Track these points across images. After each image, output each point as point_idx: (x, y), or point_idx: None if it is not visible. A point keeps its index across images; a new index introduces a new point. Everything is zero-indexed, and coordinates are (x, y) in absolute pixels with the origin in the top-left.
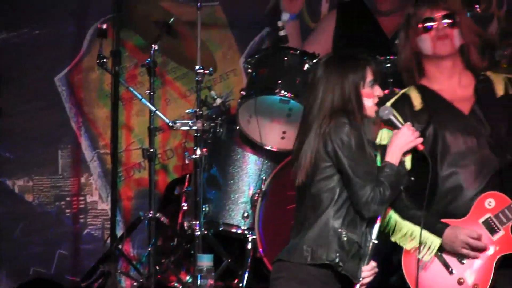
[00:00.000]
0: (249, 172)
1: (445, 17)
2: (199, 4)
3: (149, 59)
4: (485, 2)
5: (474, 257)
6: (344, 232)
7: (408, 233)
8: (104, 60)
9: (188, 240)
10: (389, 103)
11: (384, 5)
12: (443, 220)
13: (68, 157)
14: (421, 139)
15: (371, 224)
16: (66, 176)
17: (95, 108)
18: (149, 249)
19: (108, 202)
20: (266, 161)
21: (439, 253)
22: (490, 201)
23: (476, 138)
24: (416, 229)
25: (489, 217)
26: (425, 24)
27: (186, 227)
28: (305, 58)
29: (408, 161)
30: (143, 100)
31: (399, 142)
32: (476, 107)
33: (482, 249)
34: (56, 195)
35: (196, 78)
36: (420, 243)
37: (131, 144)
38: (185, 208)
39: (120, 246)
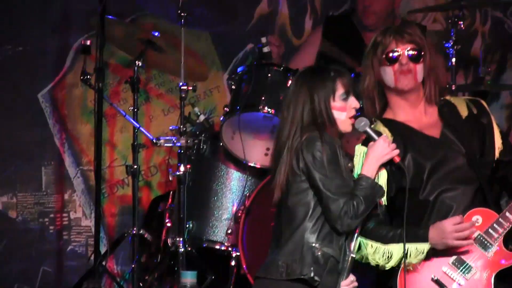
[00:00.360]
0: (233, 189)
1: (410, 51)
2: (182, 20)
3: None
4: (469, 19)
5: (468, 245)
6: (318, 247)
7: (390, 253)
8: (88, 76)
9: (171, 256)
10: (362, 141)
11: (369, 20)
12: None
13: (51, 173)
14: (397, 151)
15: (349, 238)
16: (50, 193)
17: (79, 124)
18: (133, 265)
19: (91, 219)
20: (250, 178)
21: (434, 277)
22: (478, 218)
23: (453, 159)
24: (397, 246)
25: (479, 235)
26: (389, 55)
27: (169, 244)
28: (289, 74)
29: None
30: (126, 116)
31: (376, 155)
32: (446, 129)
33: (470, 232)
34: (39, 211)
35: (180, 95)
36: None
37: (115, 161)
38: (168, 224)
39: (103, 263)
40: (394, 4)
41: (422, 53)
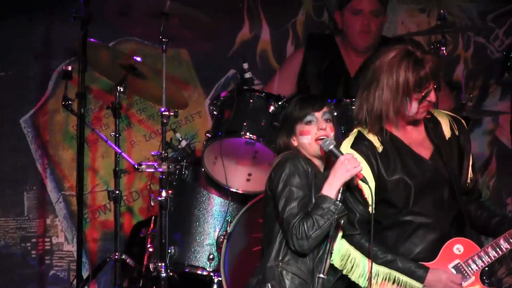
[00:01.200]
0: (215, 214)
1: (436, 87)
2: (164, 46)
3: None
4: (452, 44)
5: None
6: (281, 266)
7: (385, 277)
8: (69, 102)
9: (153, 281)
10: (347, 142)
11: (365, 42)
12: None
13: (33, 198)
14: (360, 168)
15: (321, 259)
16: (32, 218)
17: (60, 150)
18: None
19: (73, 244)
20: (232, 203)
21: None
22: (459, 247)
23: (439, 185)
24: (392, 272)
25: (459, 263)
26: (423, 97)
27: (151, 269)
28: (271, 100)
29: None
30: (108, 142)
31: (337, 173)
32: (435, 152)
33: None
34: (21, 236)
35: (162, 120)
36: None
37: (96, 186)
38: (150, 250)
39: None
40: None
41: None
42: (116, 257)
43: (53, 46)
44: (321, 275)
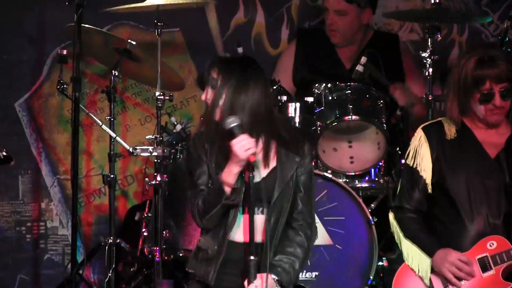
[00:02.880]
0: None
1: (504, 92)
2: (159, 30)
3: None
4: (446, 29)
5: (456, 285)
6: (199, 240)
7: (408, 251)
8: (64, 86)
9: (148, 265)
10: (424, 124)
11: (335, 39)
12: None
13: (28, 182)
14: (250, 151)
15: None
16: (27, 202)
17: (55, 134)
18: (110, 274)
19: (68, 228)
20: None
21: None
22: (492, 243)
23: (494, 183)
24: (412, 248)
25: (486, 256)
26: (484, 98)
27: (146, 253)
28: None
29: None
30: (103, 126)
31: (232, 156)
32: (502, 153)
33: (467, 275)
34: (16, 220)
35: (157, 104)
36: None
37: (91, 170)
38: (145, 234)
39: (80, 272)
40: (362, 20)
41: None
42: (111, 241)
43: (47, 30)
44: (252, 258)
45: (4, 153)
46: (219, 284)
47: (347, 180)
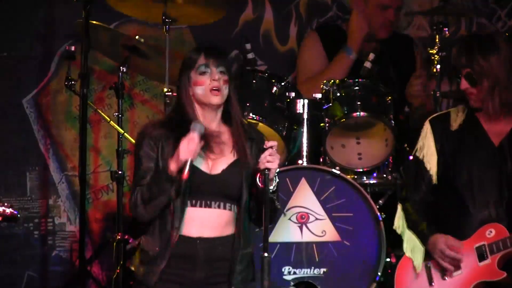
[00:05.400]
0: None
1: (468, 77)
2: (167, 26)
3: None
4: (454, 25)
5: (447, 269)
6: (142, 239)
7: (408, 241)
8: (72, 82)
9: None
10: (432, 116)
11: (381, 35)
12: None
13: (36, 179)
14: (189, 155)
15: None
16: (34, 198)
17: (63, 130)
18: (117, 271)
19: (76, 224)
20: None
21: (428, 264)
22: (491, 231)
23: (497, 171)
24: (411, 237)
25: (483, 244)
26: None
27: None
28: (273, 80)
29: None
30: (111, 122)
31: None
32: (506, 141)
33: (456, 261)
34: (24, 216)
35: (165, 101)
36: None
37: (99, 167)
38: None
39: (88, 268)
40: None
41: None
42: (119, 237)
43: (55, 27)
44: (266, 255)
45: (11, 210)
46: (164, 285)
47: (355, 177)
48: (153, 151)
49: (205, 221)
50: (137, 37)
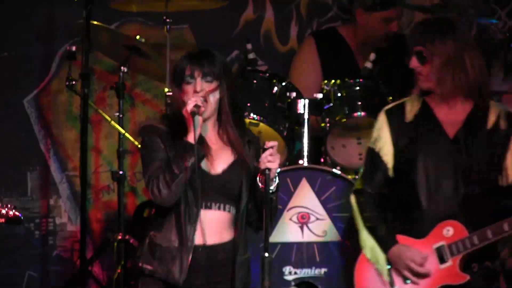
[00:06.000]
0: None
1: (419, 56)
2: (168, 26)
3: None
4: None
5: (414, 282)
6: (151, 235)
7: (365, 242)
8: (73, 82)
9: None
10: (387, 107)
11: (383, 42)
12: (401, 236)
13: (37, 179)
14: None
15: (192, 225)
16: (35, 198)
17: (64, 130)
18: (118, 271)
19: (77, 224)
20: None
21: (389, 266)
22: (449, 229)
23: (452, 164)
24: (369, 240)
25: (443, 246)
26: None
27: None
28: (274, 81)
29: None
30: (111, 122)
31: None
32: (461, 133)
33: (424, 275)
34: (25, 216)
35: (165, 101)
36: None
37: (100, 167)
38: None
39: (89, 268)
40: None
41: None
42: (120, 237)
43: (56, 27)
44: (267, 255)
45: (15, 212)
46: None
47: (356, 177)
48: (160, 143)
49: (206, 224)
50: (137, 37)
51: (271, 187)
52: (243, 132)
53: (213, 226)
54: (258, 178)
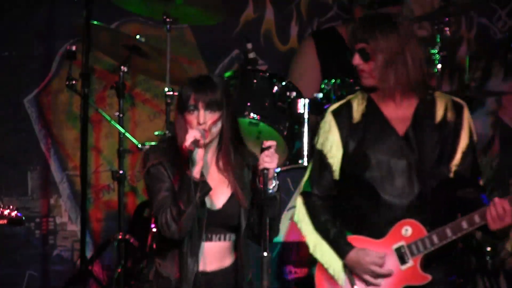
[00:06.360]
0: None
1: (363, 54)
2: (168, 26)
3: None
4: (455, 25)
5: (376, 284)
6: (155, 264)
7: (316, 246)
8: (73, 82)
9: None
10: (333, 107)
11: None
12: (359, 236)
13: (37, 178)
14: (192, 138)
15: (193, 254)
16: (36, 198)
17: (64, 130)
18: (119, 270)
19: (77, 224)
20: None
21: (347, 268)
22: (407, 229)
23: (405, 161)
24: (322, 245)
25: (402, 246)
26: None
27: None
28: (274, 80)
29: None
30: (112, 122)
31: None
32: (411, 130)
33: (385, 276)
34: (25, 216)
35: (166, 100)
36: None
37: (100, 166)
38: (154, 230)
39: (89, 268)
40: None
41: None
42: (120, 237)
43: (56, 26)
44: (266, 254)
45: (16, 213)
46: None
47: None
48: (164, 172)
49: (206, 255)
50: (138, 36)
51: (270, 187)
52: (243, 156)
53: (214, 255)
54: (257, 179)
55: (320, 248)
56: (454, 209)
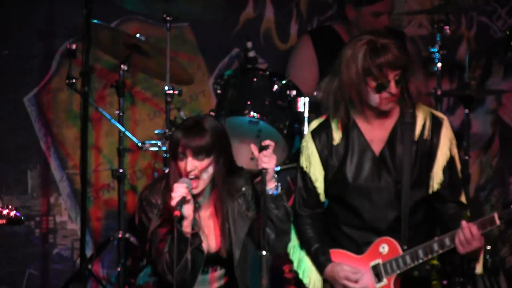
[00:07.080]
0: None
1: (398, 80)
2: (168, 25)
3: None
4: (455, 24)
5: None
6: None
7: (299, 262)
8: (73, 80)
9: None
10: (312, 126)
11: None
12: (341, 251)
13: (37, 177)
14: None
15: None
16: (36, 196)
17: (64, 128)
18: (119, 269)
19: (77, 222)
20: None
21: (328, 283)
22: (384, 247)
23: (383, 182)
24: (304, 260)
25: (379, 264)
26: (380, 86)
27: None
28: (274, 79)
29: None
30: (112, 120)
31: None
32: (386, 150)
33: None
34: (25, 215)
35: (166, 99)
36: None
37: (100, 165)
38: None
39: (89, 266)
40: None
41: (407, 76)
42: (120, 236)
43: (56, 25)
44: (264, 253)
45: (16, 213)
46: None
47: None
48: (159, 217)
49: (200, 283)
50: (138, 35)
51: (271, 187)
52: (236, 185)
53: (209, 282)
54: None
55: (303, 264)
56: (434, 226)
